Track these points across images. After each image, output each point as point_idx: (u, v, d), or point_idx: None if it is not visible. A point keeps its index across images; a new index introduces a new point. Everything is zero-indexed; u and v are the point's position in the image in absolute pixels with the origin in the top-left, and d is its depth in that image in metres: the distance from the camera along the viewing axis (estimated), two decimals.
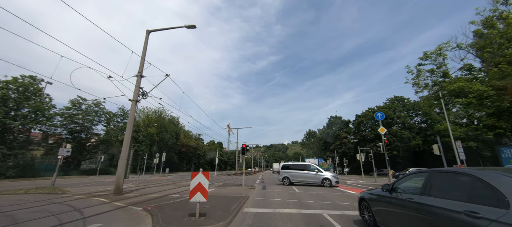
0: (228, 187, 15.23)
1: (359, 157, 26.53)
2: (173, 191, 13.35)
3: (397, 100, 47.60)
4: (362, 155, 26.28)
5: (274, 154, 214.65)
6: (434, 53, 15.00)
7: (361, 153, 26.47)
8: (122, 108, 50.56)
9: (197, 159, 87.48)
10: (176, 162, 66.18)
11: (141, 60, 13.81)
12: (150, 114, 55.15)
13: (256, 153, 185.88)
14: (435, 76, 15.48)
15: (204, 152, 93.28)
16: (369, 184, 21.51)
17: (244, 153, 16.64)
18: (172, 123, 57.83)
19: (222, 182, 21.47)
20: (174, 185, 17.97)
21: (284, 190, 14.43)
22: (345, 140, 49.41)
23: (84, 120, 38.55)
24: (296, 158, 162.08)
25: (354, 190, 14.74)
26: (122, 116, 51.48)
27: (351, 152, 48.99)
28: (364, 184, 21.56)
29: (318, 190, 14.58)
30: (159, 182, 22.17)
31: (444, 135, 37.93)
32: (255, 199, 10.57)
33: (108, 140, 42.34)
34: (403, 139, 40.69)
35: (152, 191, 13.27)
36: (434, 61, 15.22)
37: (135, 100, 13.16)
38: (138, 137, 46.79)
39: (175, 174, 45.90)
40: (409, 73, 16.36)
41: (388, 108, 44.21)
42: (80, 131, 38.00)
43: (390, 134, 42.51)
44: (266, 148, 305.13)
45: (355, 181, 25.72)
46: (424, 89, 16.29)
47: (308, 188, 15.86)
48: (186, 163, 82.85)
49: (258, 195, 12.02)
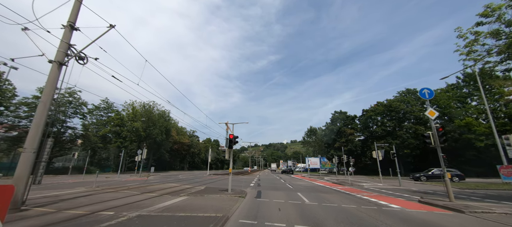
0: (207, 195, 10.58)
1: (375, 154, 21.98)
2: (118, 202, 8.66)
3: (410, 93, 43.10)
4: (379, 152, 21.73)
5: (273, 153, 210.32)
6: (504, 6, 10.33)
7: (378, 150, 21.90)
8: (106, 100, 45.89)
9: (191, 157, 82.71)
10: (167, 160, 61.45)
11: (75, 2, 9.09)
12: (137, 107, 50.26)
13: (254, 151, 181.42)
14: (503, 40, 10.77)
15: (199, 150, 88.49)
16: (396, 188, 16.93)
17: (232, 146, 11.98)
18: (162, 117, 52.94)
19: (204, 185, 16.80)
20: (139, 189, 13.28)
21: (287, 200, 9.81)
22: (351, 137, 44.85)
23: (57, 111, 33.70)
24: (295, 157, 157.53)
25: (394, 201, 10.11)
26: (106, 109, 46.77)
27: (358, 150, 44.47)
28: (391, 188, 16.98)
29: (339, 201, 9.95)
30: (128, 184, 17.45)
31: (463, 132, 33.56)
32: (239, 222, 5.93)
33: (85, 134, 37.51)
34: (417, 135, 36.18)
35: (84, 203, 8.56)
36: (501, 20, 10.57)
37: (59, 62, 8.42)
38: (122, 131, 41.93)
39: (161, 174, 41.16)
40: (461, 38, 11.52)
41: (401, 101, 39.68)
42: (51, 123, 33.13)
43: (403, 130, 38.01)
44: (265, 147, 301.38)
45: (372, 183, 21.15)
46: (482, 59, 11.47)
47: (321, 196, 11.26)
48: (179, 161, 78.12)
49: (246, 211, 7.38)
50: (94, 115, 45.64)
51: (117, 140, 40.32)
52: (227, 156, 12.23)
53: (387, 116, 41.78)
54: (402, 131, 37.42)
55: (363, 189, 15.63)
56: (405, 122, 40.19)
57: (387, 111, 40.76)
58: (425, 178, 25.25)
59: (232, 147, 12.06)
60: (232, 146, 11.95)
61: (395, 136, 38.42)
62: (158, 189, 13.65)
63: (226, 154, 12.23)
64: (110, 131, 40.52)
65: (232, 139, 12.00)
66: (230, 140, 11.99)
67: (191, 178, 28.09)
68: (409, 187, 18.11)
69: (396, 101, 40.67)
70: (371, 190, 15.42)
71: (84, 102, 35.78)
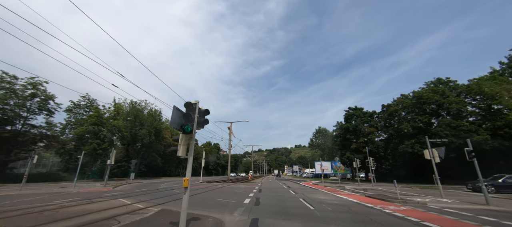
0: None
1: (428, 154, 14.92)
2: None
3: (442, 83, 35.81)
4: (434, 151, 14.70)
5: (277, 157, 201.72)
6: None
7: (434, 149, 14.80)
8: (87, 96, 39.97)
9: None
10: (159, 165, 54.85)
11: None
12: (124, 105, 44.16)
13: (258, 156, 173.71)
14: None
15: (198, 153, 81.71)
16: (484, 210, 9.92)
17: (191, 127, 5.33)
18: (152, 116, 46.72)
19: (166, 202, 10.09)
20: (49, 213, 6.71)
21: None
22: (371, 136, 37.55)
23: (14, 106, 27.79)
24: (301, 162, 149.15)
25: None
26: (87, 107, 40.80)
27: (381, 151, 37.12)
28: (476, 210, 10.03)
29: None
30: (56, 201, 10.86)
31: None
32: None
33: (52, 134, 31.40)
34: (460, 133, 28.78)
35: None
36: None
37: None
38: (100, 131, 35.71)
39: (145, 181, 34.54)
40: None
41: (435, 92, 32.42)
42: (5, 120, 27.17)
43: (440, 126, 30.63)
44: (269, 151, 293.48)
45: (433, 199, 14.09)
46: None
47: None
48: (175, 166, 71.40)
49: None
50: (73, 112, 39.84)
51: (93, 142, 34.05)
52: (182, 152, 5.57)
53: (415, 109, 34.51)
54: (439, 128, 30.01)
55: (441, 213, 8.69)
56: (439, 117, 32.81)
57: (418, 104, 33.48)
58: (493, 189, 17.94)
59: (192, 132, 5.41)
60: (191, 127, 5.31)
61: (429, 133, 31.08)
62: (79, 213, 7.16)
63: (179, 149, 5.56)
64: (85, 130, 34.34)
65: (191, 108, 5.37)
66: (185, 114, 5.36)
67: (171, 187, 21.42)
68: (502, 205, 11.06)
69: (427, 91, 33.38)
70: (451, 213, 8.45)
71: (49, 96, 29.75)
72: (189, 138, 5.61)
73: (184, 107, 5.55)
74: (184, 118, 5.43)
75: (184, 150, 5.58)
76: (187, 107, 5.51)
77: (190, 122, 5.44)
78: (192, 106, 5.57)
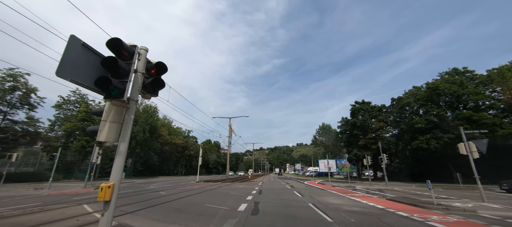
0: None
1: (464, 148, 12.29)
2: None
3: (458, 73, 32.89)
4: (472, 144, 12.10)
5: (279, 156, 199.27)
6: None
7: (470, 142, 12.17)
8: (78, 91, 37.64)
9: (187, 160, 73.57)
10: (156, 163, 52.48)
11: None
12: None
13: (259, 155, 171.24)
14: None
15: (197, 152, 79.32)
16: None
17: (160, 86, 2.78)
18: (146, 112, 44.32)
19: (147, 206, 7.49)
20: None
21: None
22: (381, 132, 34.78)
23: None
24: (302, 161, 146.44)
25: None
26: (76, 103, 38.50)
27: (392, 147, 34.37)
28: None
29: None
30: (14, 208, 8.35)
31: None
32: None
33: (36, 131, 29.09)
34: (482, 126, 26.00)
35: None
36: None
37: None
38: (85, 126, 33.29)
39: (137, 181, 32.21)
40: None
41: (451, 82, 29.57)
42: None
43: (459, 119, 27.84)
44: (270, 150, 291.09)
45: (476, 203, 11.52)
46: None
47: None
48: (173, 164, 69.09)
49: None
50: (62, 108, 37.59)
51: (82, 139, 31.72)
52: (107, 134, 2.97)
53: (429, 102, 31.68)
54: (458, 121, 27.19)
55: None
56: (456, 110, 30.00)
57: (432, 96, 30.65)
58: None
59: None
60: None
61: (446, 128, 28.35)
62: None
63: (102, 129, 2.96)
64: (74, 126, 32.02)
65: (124, 54, 2.78)
66: (110, 62, 2.75)
67: (160, 188, 18.98)
68: None
69: (443, 82, 30.51)
70: None
71: (31, 88, 27.40)
72: (121, 109, 3.07)
73: (109, 49, 2.99)
74: (107, 67, 2.89)
75: (113, 131, 3.02)
76: (115, 51, 2.95)
77: (121, 76, 2.91)
78: (127, 51, 3.03)
